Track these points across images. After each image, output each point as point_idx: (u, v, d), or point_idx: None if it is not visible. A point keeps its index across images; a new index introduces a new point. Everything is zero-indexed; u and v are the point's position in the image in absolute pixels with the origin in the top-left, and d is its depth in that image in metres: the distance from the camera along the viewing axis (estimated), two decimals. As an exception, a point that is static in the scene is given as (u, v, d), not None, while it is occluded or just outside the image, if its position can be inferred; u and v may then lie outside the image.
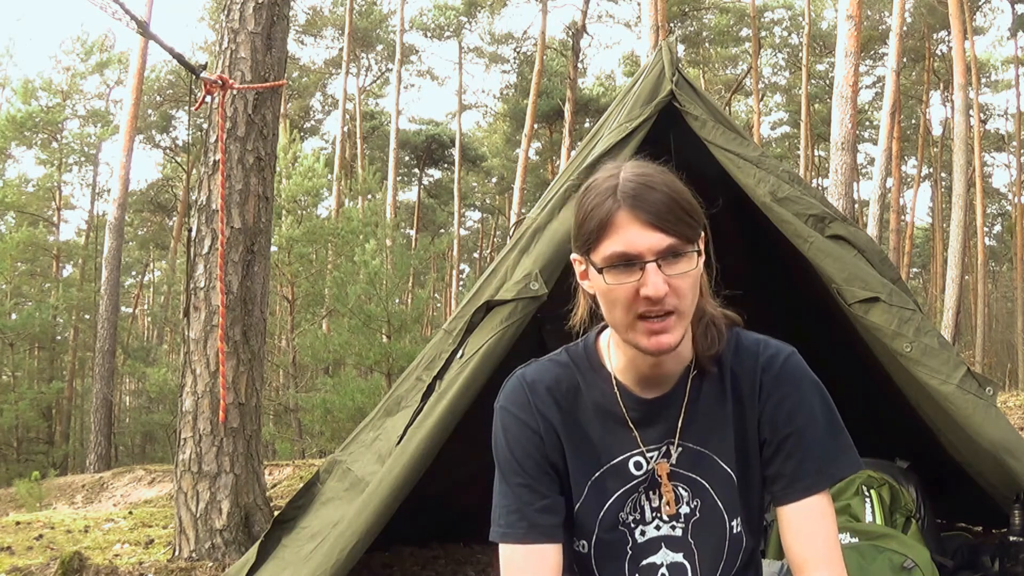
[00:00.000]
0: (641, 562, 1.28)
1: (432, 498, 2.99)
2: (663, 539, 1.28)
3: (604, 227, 1.16)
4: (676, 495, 1.28)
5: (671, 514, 1.28)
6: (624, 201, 1.15)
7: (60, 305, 20.83)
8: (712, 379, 1.28)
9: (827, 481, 1.24)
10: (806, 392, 1.26)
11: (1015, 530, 2.94)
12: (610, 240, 1.16)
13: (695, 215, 1.19)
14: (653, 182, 1.17)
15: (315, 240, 13.82)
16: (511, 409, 1.30)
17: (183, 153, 28.06)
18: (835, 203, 8.79)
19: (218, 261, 4.19)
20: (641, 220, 1.14)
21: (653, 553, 1.28)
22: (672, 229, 1.15)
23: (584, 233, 1.19)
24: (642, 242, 1.14)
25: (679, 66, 3.00)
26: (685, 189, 1.21)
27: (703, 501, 1.28)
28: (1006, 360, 30.10)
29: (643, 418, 1.28)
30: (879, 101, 25.39)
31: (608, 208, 1.16)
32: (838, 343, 3.25)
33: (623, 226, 1.15)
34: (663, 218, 1.15)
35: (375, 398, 9.67)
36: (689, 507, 1.28)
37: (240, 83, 4.31)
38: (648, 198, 1.15)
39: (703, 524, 1.27)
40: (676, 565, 1.28)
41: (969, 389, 2.63)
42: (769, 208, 2.85)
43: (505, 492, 1.28)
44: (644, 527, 1.29)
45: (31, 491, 9.26)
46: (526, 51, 30.22)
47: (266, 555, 2.87)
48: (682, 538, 1.28)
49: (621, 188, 1.16)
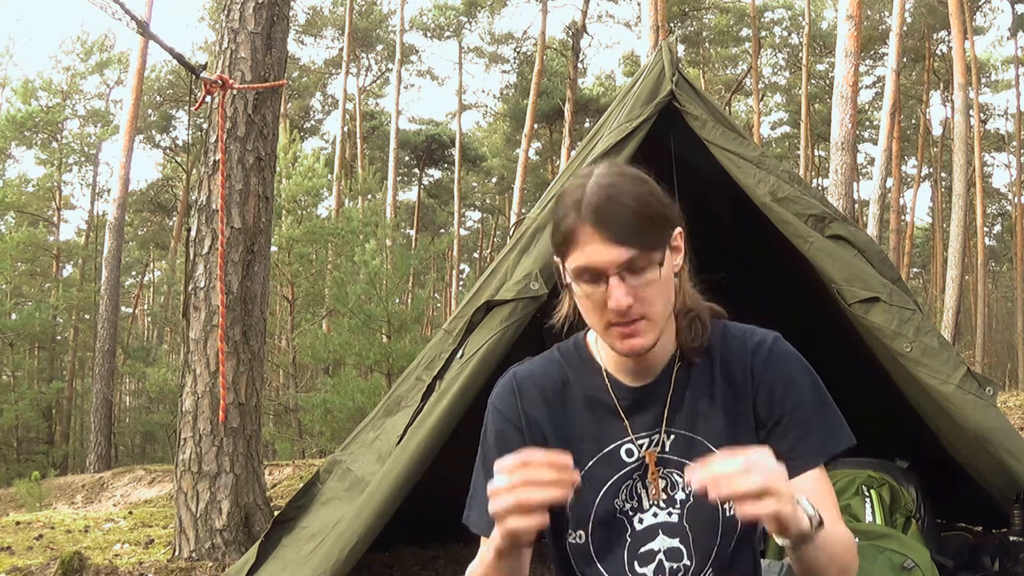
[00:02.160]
0: (639, 549, 1.31)
1: (432, 498, 2.99)
2: (660, 525, 1.31)
3: (569, 241, 1.18)
4: (671, 481, 1.30)
5: (664, 500, 1.31)
6: (587, 216, 1.16)
7: (60, 305, 20.84)
8: (701, 367, 1.31)
9: (822, 455, 1.28)
10: (796, 373, 1.30)
11: (1015, 530, 2.94)
12: (575, 253, 1.18)
13: (663, 222, 1.20)
14: (617, 194, 1.17)
15: (315, 240, 13.82)
16: (498, 406, 1.36)
17: (183, 153, 28.06)
18: (835, 203, 8.79)
19: (218, 261, 4.19)
20: (603, 235, 1.16)
21: (651, 540, 1.31)
22: (635, 242, 1.16)
23: (555, 243, 1.23)
24: (604, 257, 1.16)
25: (679, 66, 3.00)
26: (653, 194, 1.21)
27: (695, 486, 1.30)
28: (1006, 360, 30.13)
29: (633, 406, 1.31)
30: (879, 101, 25.40)
31: (572, 222, 1.17)
32: (838, 343, 3.25)
33: (586, 241, 1.17)
34: (625, 232, 1.16)
35: (375, 398, 9.66)
36: (684, 492, 1.30)
37: (240, 83, 4.31)
38: (611, 213, 1.15)
39: (697, 509, 1.30)
40: (673, 550, 1.30)
41: (969, 389, 2.63)
42: (769, 208, 2.85)
43: (481, 484, 1.33)
44: (642, 515, 1.31)
45: (31, 491, 9.26)
46: (526, 51, 30.23)
47: (266, 555, 2.87)
48: (678, 523, 1.30)
49: (585, 202, 1.17)
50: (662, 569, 1.30)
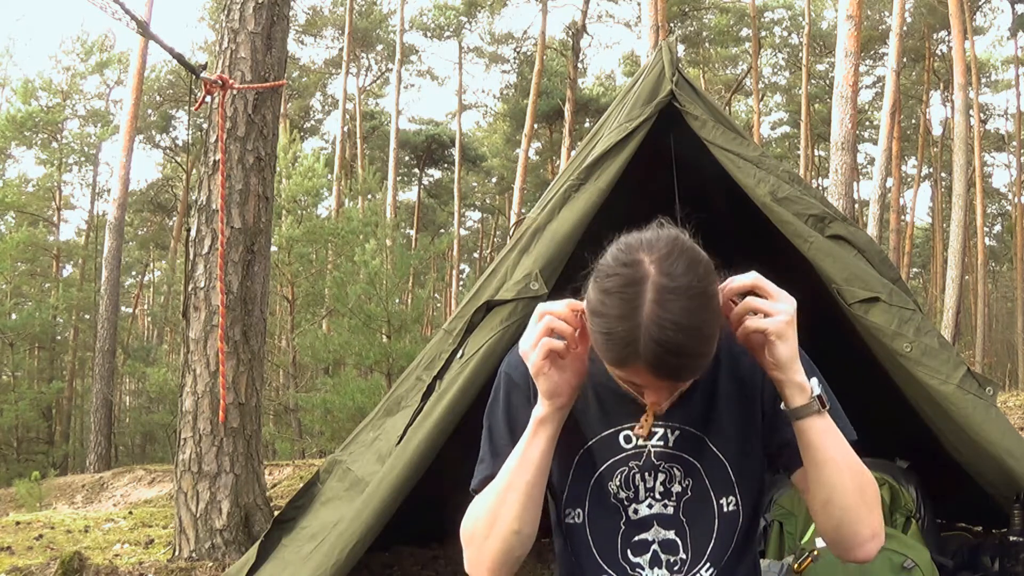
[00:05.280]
0: (634, 538, 1.33)
1: (432, 498, 2.99)
2: (655, 517, 1.33)
3: (619, 364, 1.15)
4: (670, 475, 1.32)
5: (660, 492, 1.32)
6: (645, 359, 1.10)
7: (60, 305, 20.83)
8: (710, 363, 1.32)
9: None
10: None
11: (1015, 530, 2.94)
12: (623, 373, 1.16)
13: (713, 348, 1.14)
14: (676, 344, 1.08)
15: (315, 240, 13.82)
16: (509, 372, 1.37)
17: (183, 153, 28.06)
18: (835, 203, 8.79)
19: (218, 261, 4.19)
20: (659, 377, 1.13)
21: (646, 530, 1.33)
22: (690, 377, 1.19)
23: (596, 344, 1.16)
24: (656, 389, 1.19)
25: (679, 66, 3.00)
26: (708, 325, 1.11)
27: (694, 480, 1.32)
28: (1006, 360, 30.16)
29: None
30: (879, 101, 25.40)
31: (626, 355, 1.11)
32: (838, 343, 3.25)
33: (639, 373, 1.14)
34: (682, 375, 1.16)
35: (375, 398, 9.67)
36: (681, 486, 1.32)
37: (240, 83, 4.31)
38: (669, 366, 1.11)
39: (693, 502, 1.32)
40: (668, 542, 1.32)
41: (969, 389, 2.63)
42: (769, 208, 2.85)
43: (487, 449, 1.36)
44: (637, 505, 1.33)
45: (31, 491, 9.26)
46: (526, 51, 30.23)
47: (266, 555, 2.87)
48: (673, 516, 1.32)
49: (643, 345, 1.08)
50: (658, 560, 1.32)
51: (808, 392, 1.21)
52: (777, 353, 1.19)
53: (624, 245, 1.15)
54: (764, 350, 1.20)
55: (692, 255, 1.12)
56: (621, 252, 1.13)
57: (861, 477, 1.23)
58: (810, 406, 1.21)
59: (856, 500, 1.22)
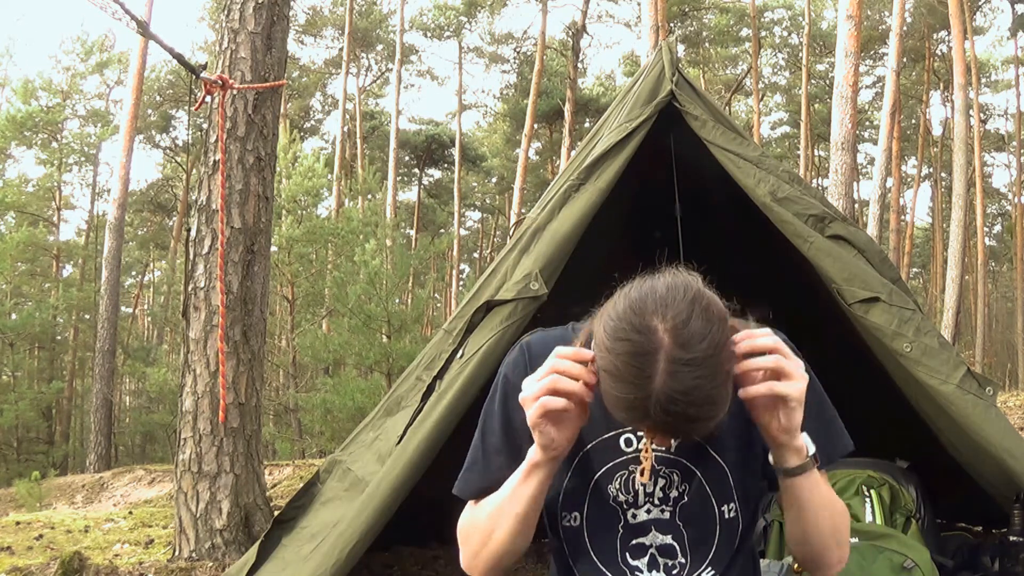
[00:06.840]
0: (631, 541, 1.33)
1: (432, 498, 2.99)
2: (653, 522, 1.32)
3: (627, 422, 1.17)
4: (669, 480, 1.31)
5: (659, 497, 1.32)
6: (654, 422, 1.09)
7: (60, 305, 20.83)
8: None
9: (826, 461, 1.30)
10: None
11: (1015, 530, 2.94)
12: (635, 424, 1.19)
13: (724, 409, 1.11)
14: (687, 414, 1.06)
15: (315, 240, 13.82)
16: (508, 374, 1.35)
17: (183, 153, 28.05)
18: (835, 203, 8.79)
19: (218, 261, 4.19)
20: (667, 436, 1.20)
21: (643, 535, 1.32)
22: (698, 437, 1.22)
23: (605, 397, 1.13)
24: (667, 439, 1.23)
25: (679, 66, 3.00)
26: (721, 393, 1.08)
27: (691, 486, 1.32)
28: (1006, 360, 30.15)
29: None
30: (879, 101, 25.39)
31: (635, 418, 1.11)
32: (838, 343, 3.25)
33: (650, 429, 1.14)
34: (690, 437, 1.21)
35: (375, 398, 9.67)
36: (678, 491, 1.32)
37: (240, 83, 4.31)
38: (680, 428, 1.12)
39: (691, 508, 1.31)
40: (666, 546, 1.32)
41: (969, 389, 2.63)
42: (769, 208, 2.85)
43: (478, 453, 1.36)
44: (636, 510, 1.32)
45: (31, 491, 9.26)
46: (526, 51, 30.24)
47: (266, 555, 2.87)
48: (670, 521, 1.32)
49: (653, 412, 1.06)
50: (656, 564, 1.32)
51: (804, 453, 1.21)
52: (794, 419, 1.16)
53: (637, 304, 1.08)
54: (770, 412, 1.17)
55: (707, 315, 1.07)
56: (634, 314, 1.07)
57: (835, 518, 1.29)
58: (804, 466, 1.22)
59: (829, 540, 1.29)
